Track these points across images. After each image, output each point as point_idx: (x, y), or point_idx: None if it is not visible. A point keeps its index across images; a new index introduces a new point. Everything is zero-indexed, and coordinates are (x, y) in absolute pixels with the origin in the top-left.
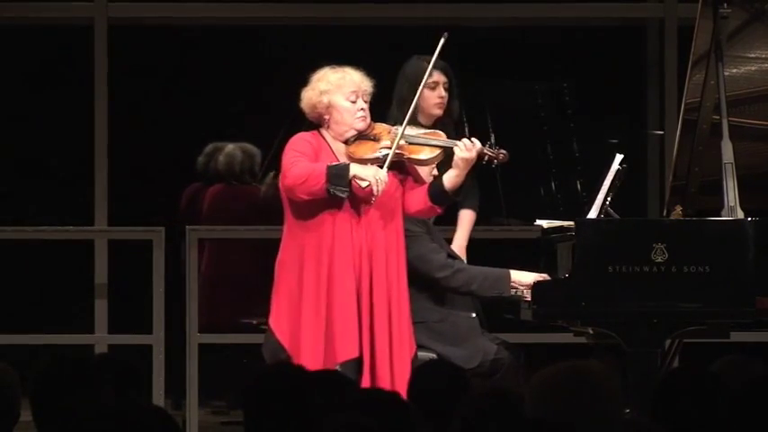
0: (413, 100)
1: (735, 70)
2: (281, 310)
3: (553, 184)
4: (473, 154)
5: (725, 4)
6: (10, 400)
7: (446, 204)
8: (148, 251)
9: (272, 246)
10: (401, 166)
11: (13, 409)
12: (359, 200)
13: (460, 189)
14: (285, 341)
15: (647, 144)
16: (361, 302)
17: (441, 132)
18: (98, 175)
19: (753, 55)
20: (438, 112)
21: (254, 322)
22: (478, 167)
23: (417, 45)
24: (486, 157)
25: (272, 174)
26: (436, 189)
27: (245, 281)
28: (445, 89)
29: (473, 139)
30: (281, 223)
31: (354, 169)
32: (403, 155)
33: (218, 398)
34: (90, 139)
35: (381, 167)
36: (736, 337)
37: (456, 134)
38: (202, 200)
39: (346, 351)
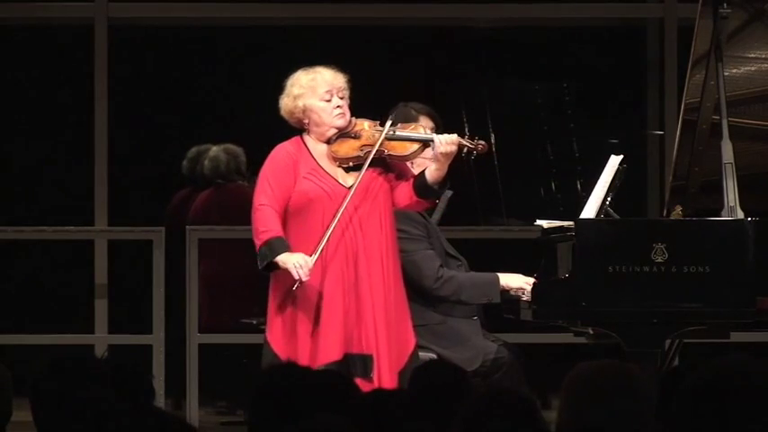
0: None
1: (735, 70)
2: (276, 322)
3: (553, 184)
4: (453, 147)
5: (725, 4)
6: (2, 398)
7: (432, 198)
8: (148, 251)
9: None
10: (384, 162)
11: (5, 407)
12: (351, 202)
13: (445, 181)
14: (281, 352)
15: (647, 144)
16: (361, 301)
17: (421, 126)
18: (98, 176)
19: (753, 55)
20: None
21: (254, 322)
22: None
23: (417, 45)
24: (466, 149)
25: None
26: (420, 183)
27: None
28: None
29: (455, 135)
30: None
31: (281, 256)
32: (384, 151)
33: (218, 398)
34: (90, 139)
35: (363, 166)
36: (736, 337)
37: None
38: (192, 205)
39: (327, 354)
